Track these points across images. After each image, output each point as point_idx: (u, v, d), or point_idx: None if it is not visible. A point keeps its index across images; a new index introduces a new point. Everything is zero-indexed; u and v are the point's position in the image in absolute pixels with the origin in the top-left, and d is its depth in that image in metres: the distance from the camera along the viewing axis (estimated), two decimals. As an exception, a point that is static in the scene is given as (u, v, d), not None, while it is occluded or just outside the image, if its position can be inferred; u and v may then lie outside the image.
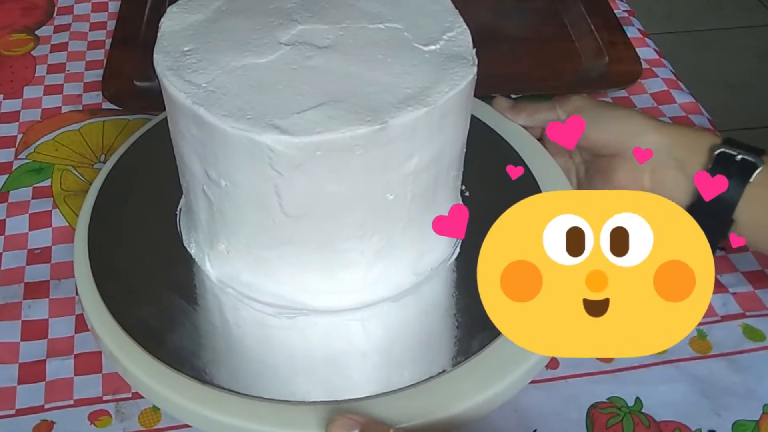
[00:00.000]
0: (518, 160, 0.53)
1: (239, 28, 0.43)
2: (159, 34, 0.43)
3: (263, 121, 0.38)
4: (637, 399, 0.47)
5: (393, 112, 0.38)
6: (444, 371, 0.42)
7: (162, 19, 0.44)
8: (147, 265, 0.48)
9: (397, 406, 0.41)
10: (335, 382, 0.43)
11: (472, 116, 0.45)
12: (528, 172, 0.52)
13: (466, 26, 0.44)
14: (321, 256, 0.43)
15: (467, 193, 0.50)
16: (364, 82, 0.40)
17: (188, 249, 0.48)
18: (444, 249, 0.48)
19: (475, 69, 0.41)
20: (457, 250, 0.48)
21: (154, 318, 0.45)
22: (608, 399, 0.47)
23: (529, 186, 0.51)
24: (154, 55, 0.42)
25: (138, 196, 0.52)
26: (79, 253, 0.49)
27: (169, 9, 0.45)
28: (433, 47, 0.42)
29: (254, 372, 0.43)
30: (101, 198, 0.52)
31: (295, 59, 0.41)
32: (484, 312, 0.45)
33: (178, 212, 0.50)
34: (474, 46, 0.43)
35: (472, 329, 0.44)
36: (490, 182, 0.50)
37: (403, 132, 0.39)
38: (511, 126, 0.56)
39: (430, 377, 0.42)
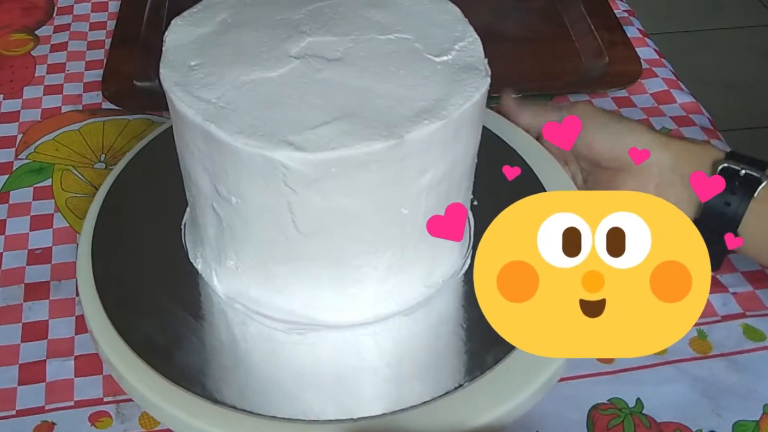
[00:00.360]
0: (528, 171, 0.52)
1: (247, 41, 0.43)
2: (164, 48, 0.42)
3: (276, 137, 0.37)
4: (638, 400, 0.47)
5: (408, 126, 0.38)
6: (460, 386, 0.42)
7: (166, 33, 0.43)
8: (153, 281, 0.47)
9: (413, 423, 0.41)
10: (346, 399, 0.42)
11: (485, 128, 0.44)
12: (538, 184, 0.51)
13: (476, 36, 0.43)
14: (333, 272, 0.42)
15: (476, 203, 0.49)
16: (376, 95, 0.39)
17: (194, 264, 0.48)
18: (455, 261, 0.47)
19: (488, 80, 0.41)
20: (468, 261, 0.48)
21: (161, 335, 0.44)
22: (609, 400, 0.47)
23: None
24: (161, 70, 0.41)
25: (143, 208, 0.51)
26: (83, 267, 0.48)
27: (173, 22, 0.44)
28: (444, 58, 0.42)
29: (263, 389, 0.42)
30: (105, 209, 0.51)
31: (305, 72, 0.41)
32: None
33: (183, 225, 0.49)
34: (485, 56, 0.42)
35: (484, 342, 0.44)
36: (500, 192, 0.50)
37: (418, 146, 0.38)
38: (522, 136, 0.55)
39: (447, 392, 0.41)
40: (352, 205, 0.39)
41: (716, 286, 0.53)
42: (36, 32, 0.75)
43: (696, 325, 0.51)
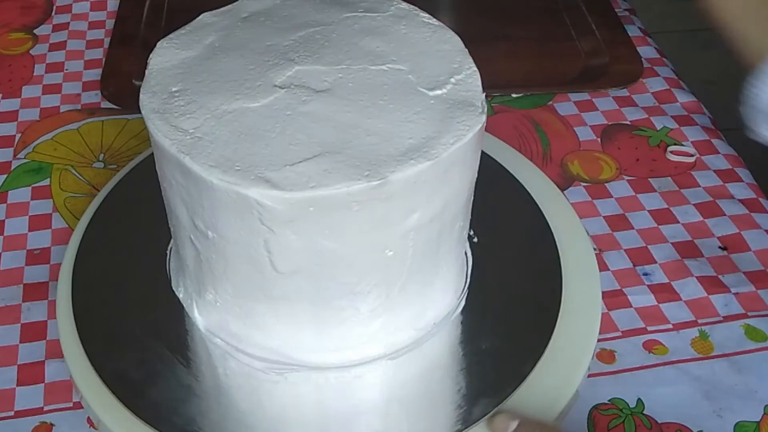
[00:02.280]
0: (529, 200, 0.51)
1: (232, 67, 0.40)
2: (147, 72, 0.41)
3: (252, 173, 0.35)
4: (639, 400, 0.47)
5: (393, 165, 0.35)
6: None
7: (150, 55, 0.42)
8: (133, 310, 0.46)
9: None
10: None
11: (483, 153, 0.41)
12: (539, 213, 0.50)
13: (475, 68, 0.41)
14: (313, 312, 0.40)
15: (475, 239, 0.48)
16: (362, 131, 0.37)
17: (176, 293, 0.46)
18: (448, 302, 0.45)
19: (483, 117, 0.38)
20: (463, 302, 0.46)
21: (136, 369, 0.43)
22: (610, 400, 0.47)
23: (540, 228, 0.49)
24: (140, 96, 0.39)
25: (128, 232, 0.50)
26: (63, 286, 0.47)
27: (159, 44, 0.42)
28: (438, 92, 0.39)
29: (240, 430, 0.41)
30: (92, 228, 0.50)
31: (289, 104, 0.38)
32: (490, 372, 0.42)
33: (168, 251, 0.48)
34: (483, 90, 0.40)
35: (473, 393, 0.42)
36: (501, 225, 0.48)
37: (404, 187, 0.36)
38: (523, 162, 0.54)
39: None
40: (332, 245, 0.37)
41: (718, 286, 0.53)
42: (35, 31, 0.75)
43: (698, 325, 0.51)
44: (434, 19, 0.44)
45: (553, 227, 0.50)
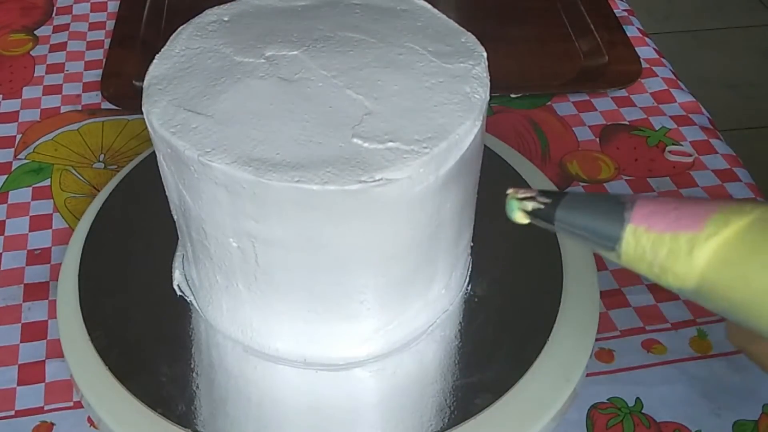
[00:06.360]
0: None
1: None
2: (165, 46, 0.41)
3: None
4: (638, 399, 0.47)
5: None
6: None
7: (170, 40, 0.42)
8: (135, 308, 0.46)
9: None
10: None
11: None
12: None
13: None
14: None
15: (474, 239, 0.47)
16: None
17: (181, 290, 0.47)
18: (446, 300, 0.45)
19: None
20: (461, 299, 0.46)
21: (138, 368, 0.43)
22: (608, 399, 0.47)
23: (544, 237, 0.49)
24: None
25: (129, 231, 0.50)
26: (64, 286, 0.47)
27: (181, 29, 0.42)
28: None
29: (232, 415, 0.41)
30: (93, 227, 0.50)
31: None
32: (487, 370, 0.42)
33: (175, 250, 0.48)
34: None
35: (472, 390, 0.42)
36: (501, 223, 0.48)
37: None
38: (521, 163, 0.54)
39: None
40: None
41: (716, 285, 0.53)
42: (35, 32, 0.75)
43: (696, 324, 0.51)
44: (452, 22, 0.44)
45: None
